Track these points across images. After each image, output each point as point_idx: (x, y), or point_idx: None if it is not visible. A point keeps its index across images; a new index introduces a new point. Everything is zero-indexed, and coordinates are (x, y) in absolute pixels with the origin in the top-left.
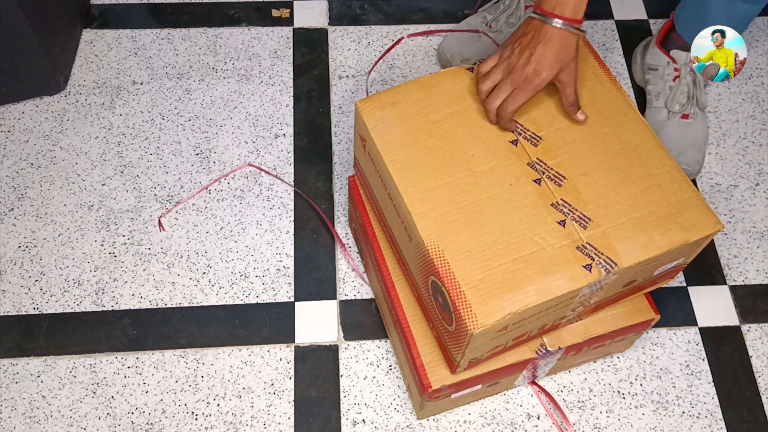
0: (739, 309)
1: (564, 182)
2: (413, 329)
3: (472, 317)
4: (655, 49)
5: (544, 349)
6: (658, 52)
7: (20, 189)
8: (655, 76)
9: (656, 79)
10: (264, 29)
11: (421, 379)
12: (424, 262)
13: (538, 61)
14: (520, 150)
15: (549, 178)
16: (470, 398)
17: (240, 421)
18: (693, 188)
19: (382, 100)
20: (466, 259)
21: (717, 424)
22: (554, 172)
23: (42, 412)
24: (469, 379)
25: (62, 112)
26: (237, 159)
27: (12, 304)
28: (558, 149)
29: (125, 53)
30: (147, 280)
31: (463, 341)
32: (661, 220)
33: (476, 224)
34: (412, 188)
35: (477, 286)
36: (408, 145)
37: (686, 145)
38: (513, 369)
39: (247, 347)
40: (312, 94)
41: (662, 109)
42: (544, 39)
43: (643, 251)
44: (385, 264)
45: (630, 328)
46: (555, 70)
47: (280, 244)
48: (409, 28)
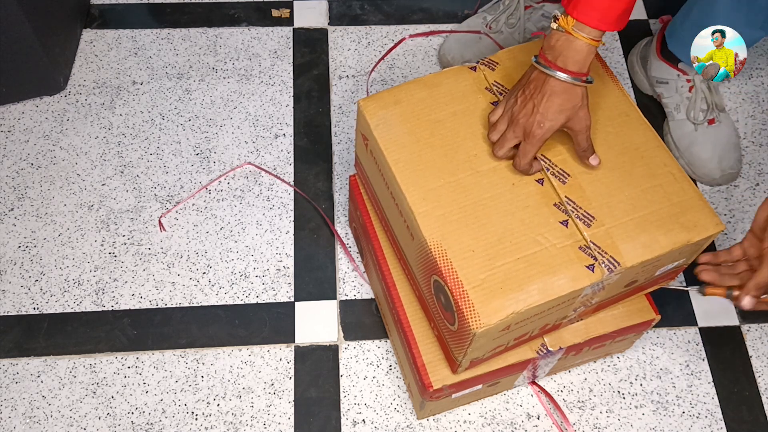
0: (739, 309)
1: (568, 179)
2: (414, 329)
3: (475, 317)
4: (659, 62)
5: (545, 349)
6: (664, 65)
7: (20, 189)
8: (667, 89)
9: (670, 92)
10: (264, 29)
11: (422, 378)
12: (427, 262)
13: (541, 113)
14: None
15: (553, 175)
16: (470, 398)
17: (240, 421)
18: (695, 189)
19: (385, 99)
20: (469, 259)
21: (717, 424)
22: (558, 169)
23: (42, 412)
24: (469, 379)
25: (62, 112)
26: (237, 159)
27: (12, 304)
28: (561, 147)
29: (125, 53)
30: (147, 280)
31: (465, 341)
32: (664, 220)
33: (479, 224)
34: (415, 187)
35: (480, 286)
36: (410, 144)
37: (724, 148)
38: (514, 369)
39: (247, 347)
40: (312, 94)
41: (686, 121)
42: (547, 91)
43: (646, 251)
44: (386, 263)
45: (630, 329)
46: (560, 121)
47: (280, 244)
48: (409, 29)
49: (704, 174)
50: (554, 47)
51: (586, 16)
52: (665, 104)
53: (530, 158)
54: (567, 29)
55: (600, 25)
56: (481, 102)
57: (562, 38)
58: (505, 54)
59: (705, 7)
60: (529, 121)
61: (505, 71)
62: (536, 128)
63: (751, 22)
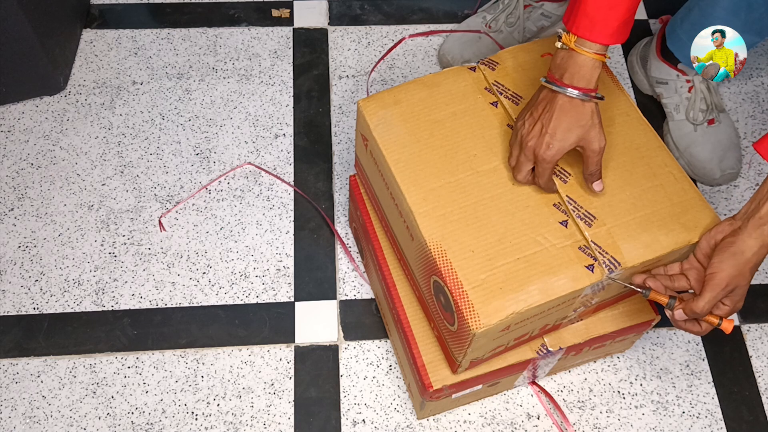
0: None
1: (569, 179)
2: (414, 329)
3: (474, 317)
4: (659, 63)
5: (545, 350)
6: (663, 65)
7: (20, 189)
8: (667, 90)
9: (669, 93)
10: (264, 29)
11: (422, 378)
12: (427, 262)
13: (549, 134)
14: None
15: (554, 175)
16: (471, 398)
17: (240, 421)
18: (695, 189)
19: (384, 99)
20: (469, 259)
21: (717, 424)
22: (559, 168)
23: (42, 412)
24: (470, 379)
25: (62, 112)
26: (237, 159)
27: (12, 304)
28: None
29: (125, 53)
30: (147, 280)
31: (465, 341)
32: (665, 220)
33: (479, 224)
34: (415, 187)
35: (480, 286)
36: (410, 145)
37: (723, 148)
38: (514, 369)
39: (247, 347)
40: (312, 94)
41: (686, 121)
42: (555, 110)
43: (647, 251)
44: (386, 263)
45: (630, 329)
46: (569, 141)
47: (280, 244)
48: (409, 28)
49: (704, 174)
50: (560, 65)
51: (586, 31)
52: (665, 104)
53: (547, 179)
54: (570, 46)
55: (600, 38)
56: (480, 102)
57: (567, 55)
58: (506, 54)
59: (705, 9)
60: (537, 143)
61: (506, 71)
62: (545, 150)
63: (749, 27)
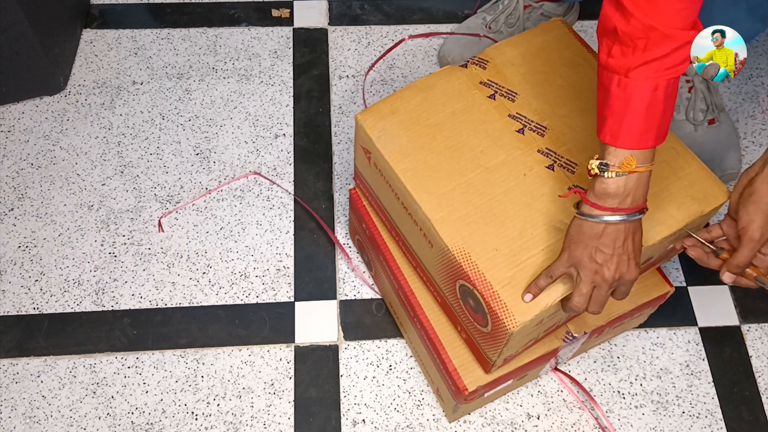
0: (739, 309)
1: (576, 169)
2: (440, 335)
3: (509, 316)
4: None
5: (571, 336)
6: None
7: (20, 189)
8: None
9: None
10: (264, 29)
11: (456, 383)
12: (450, 268)
13: (634, 257)
14: (529, 138)
15: (560, 166)
16: (500, 393)
17: (240, 421)
18: (698, 161)
19: (381, 110)
20: (494, 258)
21: (717, 424)
22: (565, 159)
23: (42, 412)
24: (502, 376)
25: (62, 112)
26: (237, 159)
27: (12, 304)
28: (564, 137)
29: (125, 53)
30: (147, 280)
31: (500, 341)
32: (675, 195)
33: (497, 221)
34: (427, 195)
35: (509, 284)
36: (415, 152)
37: (724, 148)
38: (542, 360)
39: (247, 347)
40: (312, 94)
41: (686, 121)
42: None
43: (663, 227)
44: (401, 273)
45: (647, 304)
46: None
47: (280, 244)
48: (409, 29)
49: None
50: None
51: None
52: None
53: (601, 307)
54: (631, 169)
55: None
56: (478, 97)
57: (627, 180)
58: (493, 51)
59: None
60: (623, 271)
61: (497, 68)
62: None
63: (751, 14)
